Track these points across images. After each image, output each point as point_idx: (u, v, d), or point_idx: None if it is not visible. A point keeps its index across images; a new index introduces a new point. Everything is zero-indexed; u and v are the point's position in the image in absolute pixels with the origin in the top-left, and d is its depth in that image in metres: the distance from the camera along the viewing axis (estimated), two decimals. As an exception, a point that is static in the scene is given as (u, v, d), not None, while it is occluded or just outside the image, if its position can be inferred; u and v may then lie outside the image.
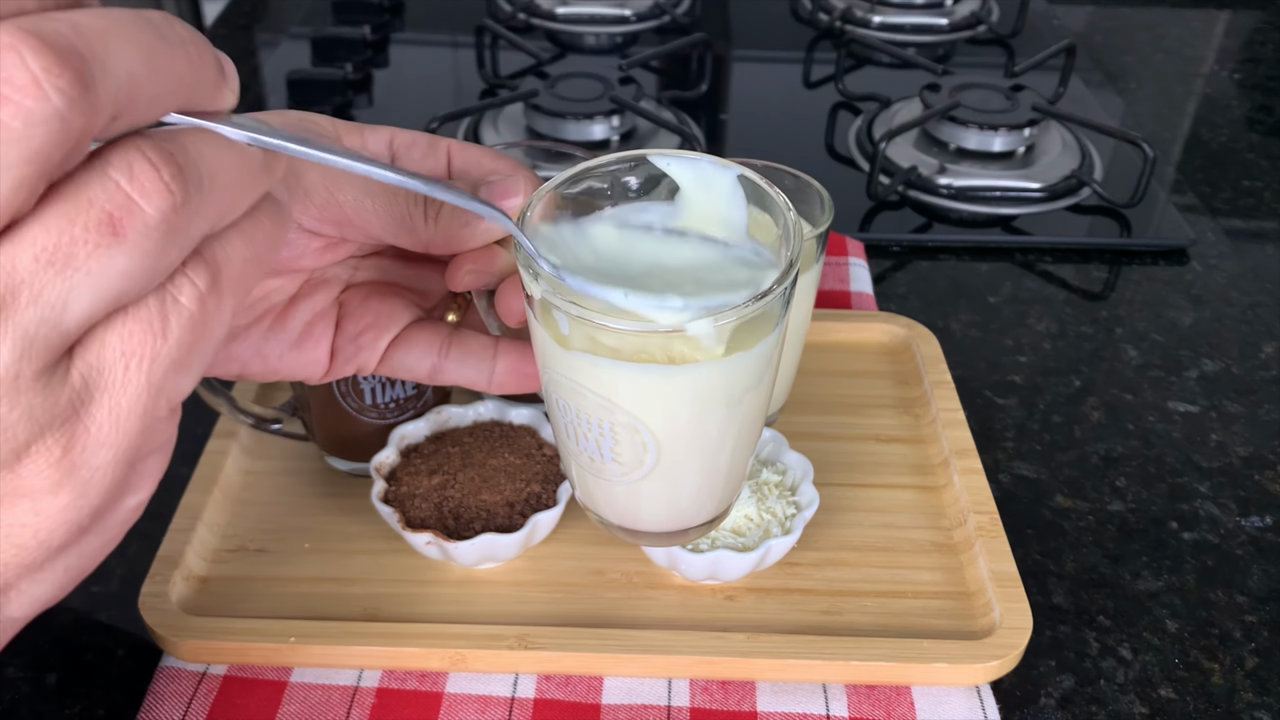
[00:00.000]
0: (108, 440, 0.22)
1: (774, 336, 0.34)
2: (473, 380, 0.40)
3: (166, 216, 0.22)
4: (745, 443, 0.38)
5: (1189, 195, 0.86)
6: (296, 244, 0.35)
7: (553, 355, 0.34)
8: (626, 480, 0.37)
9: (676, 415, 0.34)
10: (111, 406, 0.22)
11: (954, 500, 0.55)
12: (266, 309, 0.38)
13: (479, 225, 0.35)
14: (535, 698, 0.47)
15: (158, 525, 0.52)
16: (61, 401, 0.21)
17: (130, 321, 0.22)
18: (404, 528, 0.48)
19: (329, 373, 0.39)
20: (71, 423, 0.22)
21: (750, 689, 0.47)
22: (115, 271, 0.21)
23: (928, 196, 0.83)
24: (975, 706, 0.46)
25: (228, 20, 1.13)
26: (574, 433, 0.36)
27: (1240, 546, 0.55)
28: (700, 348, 0.32)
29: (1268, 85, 1.06)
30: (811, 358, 0.63)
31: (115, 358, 0.22)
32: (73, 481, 0.22)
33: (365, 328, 0.38)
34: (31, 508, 0.22)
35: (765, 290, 0.32)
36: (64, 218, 0.20)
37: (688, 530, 0.40)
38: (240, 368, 0.38)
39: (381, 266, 0.40)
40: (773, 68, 1.07)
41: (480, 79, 1.00)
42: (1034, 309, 0.73)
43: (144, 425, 0.23)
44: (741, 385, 0.34)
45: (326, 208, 0.34)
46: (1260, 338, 0.71)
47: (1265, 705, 0.48)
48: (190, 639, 0.47)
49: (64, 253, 0.20)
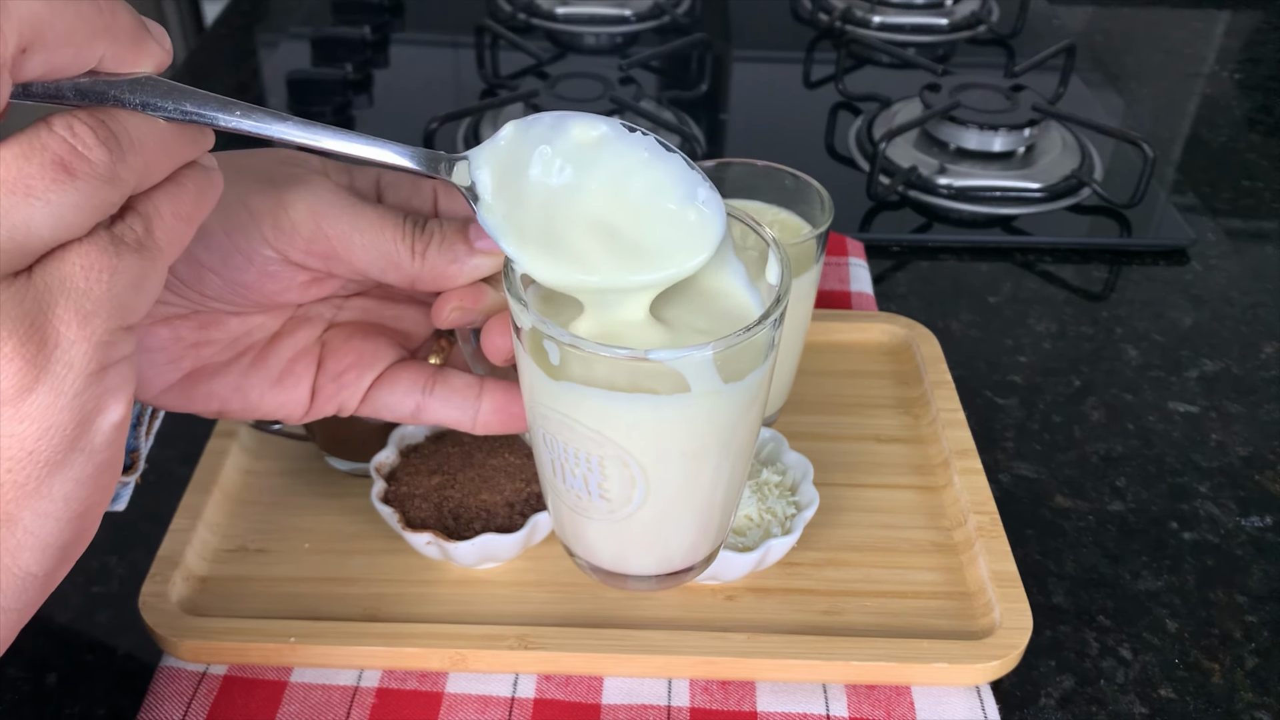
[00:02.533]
0: (77, 338, 0.25)
1: (764, 369, 0.34)
2: (457, 420, 0.39)
3: (108, 166, 0.25)
4: (735, 479, 0.37)
5: (1189, 195, 0.86)
6: (282, 276, 0.35)
7: (541, 389, 0.33)
8: (614, 519, 0.36)
9: (666, 447, 0.34)
10: (77, 309, 0.25)
11: (954, 500, 0.55)
12: (248, 345, 0.38)
13: (466, 263, 0.35)
14: (535, 698, 0.47)
15: (158, 525, 0.52)
16: (27, 300, 0.24)
17: (85, 244, 0.25)
18: (404, 528, 0.48)
19: (310, 412, 0.39)
20: (40, 324, 0.24)
21: (750, 689, 0.47)
22: (69, 204, 0.24)
23: (928, 196, 0.83)
24: (975, 706, 0.46)
25: (228, 20, 1.13)
26: (561, 469, 0.35)
27: (1240, 546, 0.55)
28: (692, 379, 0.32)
29: (1268, 85, 1.06)
30: (811, 358, 0.63)
31: (75, 270, 0.25)
32: (49, 379, 0.24)
33: (348, 367, 0.38)
34: (13, 414, 0.24)
35: (756, 322, 0.32)
36: (21, 158, 0.24)
37: (676, 574, 0.40)
38: (220, 404, 0.37)
39: (365, 306, 0.40)
40: (773, 68, 1.07)
41: (480, 79, 1.00)
42: (1034, 309, 0.73)
43: (107, 331, 0.26)
44: (732, 416, 0.34)
45: (313, 241, 0.34)
46: (1260, 338, 0.71)
47: (1265, 705, 0.48)
48: (190, 639, 0.47)
49: (24, 184, 0.24)
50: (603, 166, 0.34)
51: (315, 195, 0.34)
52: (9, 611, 0.26)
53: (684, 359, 0.31)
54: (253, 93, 0.98)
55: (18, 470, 0.25)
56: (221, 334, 0.37)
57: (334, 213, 0.34)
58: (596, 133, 0.34)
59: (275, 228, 0.34)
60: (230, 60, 1.06)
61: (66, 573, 0.28)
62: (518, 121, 0.33)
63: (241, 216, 0.34)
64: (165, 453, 0.59)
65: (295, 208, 0.34)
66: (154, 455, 0.59)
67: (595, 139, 0.34)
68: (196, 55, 1.06)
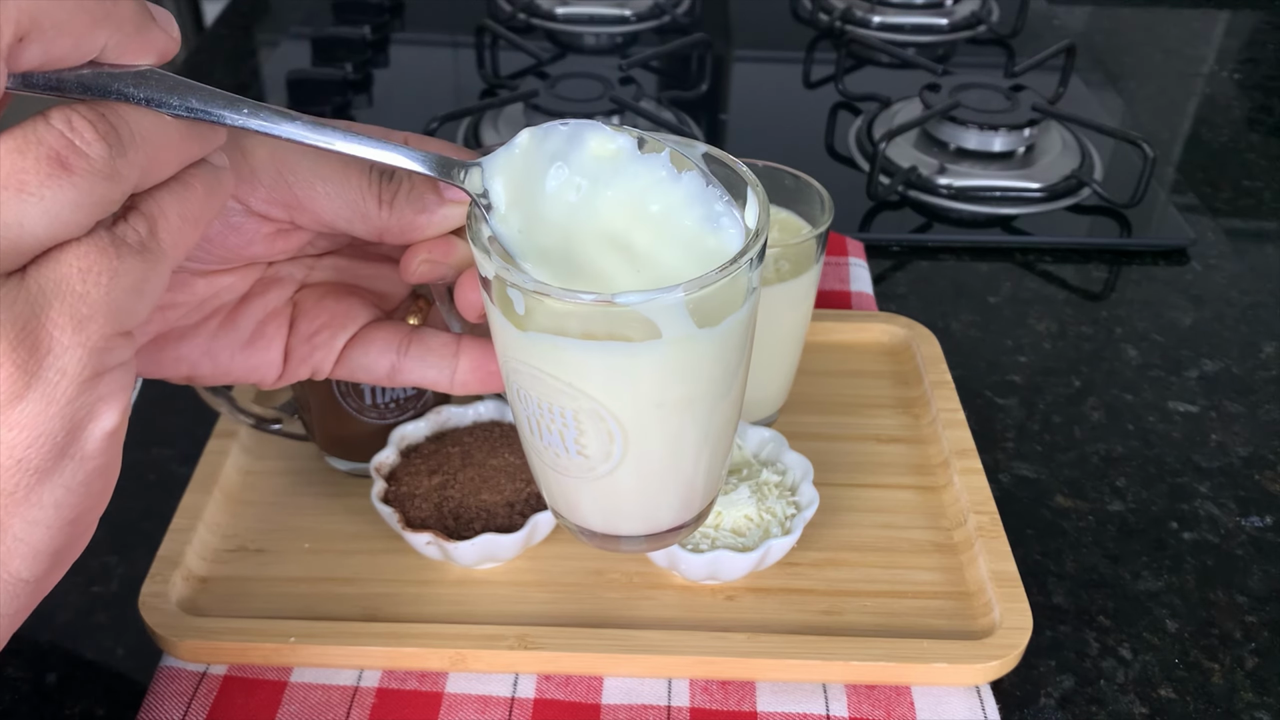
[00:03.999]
0: (71, 343, 0.24)
1: (744, 313, 0.32)
2: (434, 380, 0.38)
3: (107, 162, 0.24)
4: (719, 435, 0.36)
5: (1189, 195, 0.86)
6: (245, 229, 0.34)
7: (510, 341, 0.32)
8: (594, 476, 0.35)
9: (642, 398, 0.32)
10: (73, 313, 0.24)
11: (954, 500, 0.55)
12: (216, 307, 0.36)
13: (435, 212, 0.34)
14: (535, 698, 0.47)
15: (158, 525, 0.52)
16: (20, 303, 0.23)
17: (84, 245, 0.24)
18: (404, 528, 0.48)
19: (283, 375, 0.38)
20: (33, 328, 0.23)
21: (750, 689, 0.47)
22: (65, 202, 0.24)
23: (928, 196, 0.83)
24: (975, 706, 0.46)
25: (228, 20, 1.13)
26: (536, 426, 0.34)
27: (1240, 546, 0.55)
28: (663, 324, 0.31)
29: (1268, 85, 1.06)
30: (811, 358, 0.63)
31: (72, 272, 0.24)
32: (39, 386, 0.24)
33: (320, 327, 0.37)
34: (2, 421, 0.23)
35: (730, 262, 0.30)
36: (15, 152, 0.23)
37: (665, 533, 0.39)
38: (189, 368, 0.36)
39: (338, 266, 0.39)
40: (773, 68, 1.07)
41: (480, 79, 1.00)
42: (1034, 309, 0.73)
43: (103, 337, 0.25)
44: (710, 365, 0.33)
45: (275, 189, 0.33)
46: (1260, 338, 0.71)
47: (1265, 705, 0.48)
48: (190, 639, 0.47)
49: (17, 180, 0.23)
50: (620, 183, 0.33)
51: (276, 141, 0.32)
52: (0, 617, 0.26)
53: (653, 302, 0.30)
54: (252, 93, 0.98)
55: (6, 478, 0.24)
56: (188, 296, 0.35)
57: (295, 159, 0.33)
58: (614, 146, 0.33)
59: (235, 175, 0.32)
60: (230, 60, 1.07)
61: (59, 578, 0.28)
62: (533, 131, 0.33)
63: None
64: (165, 453, 0.59)
65: (255, 154, 0.32)
66: (154, 455, 0.59)
67: (612, 153, 0.33)
68: (196, 55, 1.06)
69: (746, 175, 0.33)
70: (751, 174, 0.33)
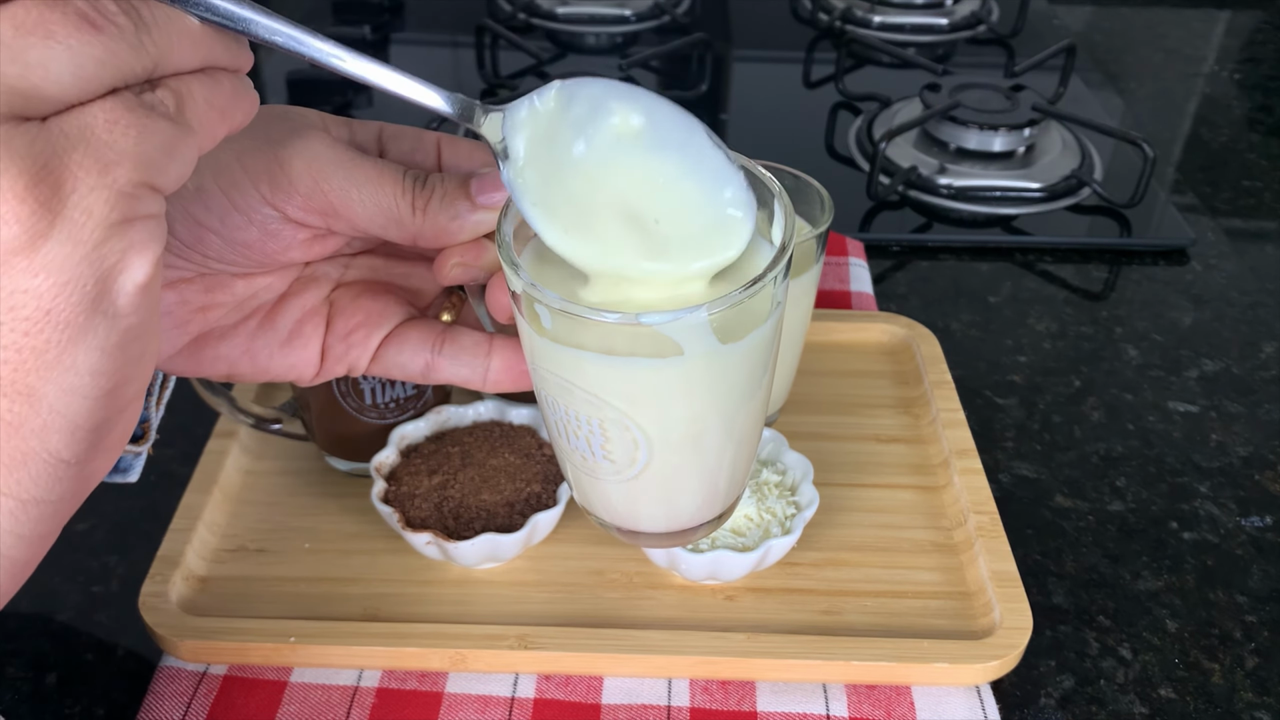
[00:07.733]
0: (97, 184, 0.23)
1: (768, 327, 0.33)
2: (467, 378, 0.39)
3: (133, 31, 0.23)
4: (744, 440, 0.37)
5: (1189, 195, 0.86)
6: (282, 235, 0.35)
7: (539, 351, 0.33)
8: (620, 479, 0.36)
9: (666, 411, 0.33)
10: (98, 156, 0.23)
11: (954, 500, 0.55)
12: (255, 307, 0.37)
13: (468, 218, 0.34)
14: (535, 698, 0.47)
15: (158, 525, 0.52)
16: (39, 141, 0.22)
17: (109, 101, 0.23)
18: (404, 528, 0.48)
19: (320, 373, 0.38)
20: (55, 166, 0.22)
21: (750, 689, 0.47)
22: (91, 56, 0.22)
23: (928, 196, 0.83)
24: (975, 706, 0.46)
25: (228, 20, 1.13)
26: (565, 431, 0.35)
27: (1240, 546, 0.55)
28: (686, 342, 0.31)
29: (1268, 85, 1.06)
30: (811, 358, 0.63)
31: (97, 121, 0.23)
32: (64, 225, 0.22)
33: (356, 325, 0.38)
34: (26, 266, 0.22)
35: (755, 279, 0.30)
36: (43, 5, 0.22)
37: (687, 531, 0.40)
38: (229, 367, 0.37)
39: (373, 265, 0.40)
40: (773, 68, 1.07)
41: (480, 79, 1.00)
42: (1034, 309, 0.73)
43: (131, 183, 0.23)
44: (733, 379, 0.33)
45: (311, 197, 0.34)
46: (1260, 338, 0.71)
47: (1265, 705, 0.48)
48: (190, 639, 0.47)
49: (44, 27, 0.22)
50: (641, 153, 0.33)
51: (312, 151, 0.33)
52: (44, 504, 0.24)
53: (678, 322, 0.30)
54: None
55: (35, 334, 0.23)
56: (227, 296, 0.36)
57: (331, 168, 0.34)
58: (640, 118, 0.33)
59: (272, 185, 0.33)
60: (230, 60, 1.06)
61: (106, 468, 0.26)
62: (562, 86, 0.32)
63: (238, 174, 0.33)
64: (165, 453, 0.59)
65: (292, 164, 0.33)
66: (154, 455, 0.59)
67: (638, 125, 0.33)
68: (196, 55, 1.06)
69: (773, 185, 0.33)
70: (778, 184, 0.33)
